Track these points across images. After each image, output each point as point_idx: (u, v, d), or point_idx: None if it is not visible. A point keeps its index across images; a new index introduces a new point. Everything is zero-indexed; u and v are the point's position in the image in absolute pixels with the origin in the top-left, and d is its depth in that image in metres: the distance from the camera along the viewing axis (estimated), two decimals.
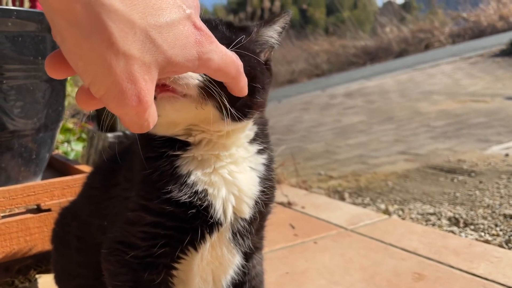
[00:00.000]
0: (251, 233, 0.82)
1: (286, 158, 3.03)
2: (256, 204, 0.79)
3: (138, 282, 0.76)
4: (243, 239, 0.81)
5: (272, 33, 0.77)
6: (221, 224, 0.75)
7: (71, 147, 3.68)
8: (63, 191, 1.30)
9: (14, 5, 1.95)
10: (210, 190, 0.74)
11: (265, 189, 0.80)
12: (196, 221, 0.74)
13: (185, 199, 0.72)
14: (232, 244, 0.80)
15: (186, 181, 0.73)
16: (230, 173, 0.76)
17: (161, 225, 0.74)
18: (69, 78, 1.78)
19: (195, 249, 0.77)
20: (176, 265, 0.78)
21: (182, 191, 0.72)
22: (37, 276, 1.45)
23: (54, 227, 1.04)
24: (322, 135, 4.60)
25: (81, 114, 5.25)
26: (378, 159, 3.21)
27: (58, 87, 1.46)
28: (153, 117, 0.49)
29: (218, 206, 0.74)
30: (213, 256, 0.80)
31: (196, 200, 0.73)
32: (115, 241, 0.78)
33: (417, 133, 3.89)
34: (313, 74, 12.83)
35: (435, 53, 10.67)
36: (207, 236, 0.76)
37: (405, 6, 21.45)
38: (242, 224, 0.79)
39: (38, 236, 1.27)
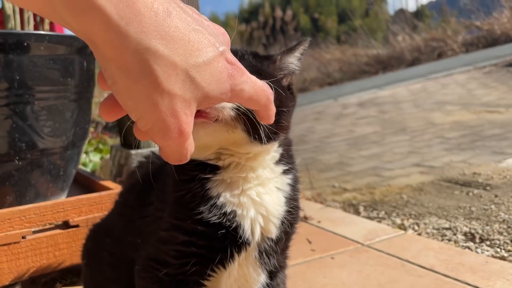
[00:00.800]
0: (276, 252, 0.86)
1: (301, 170, 3.06)
2: (282, 224, 0.83)
3: None
4: (269, 258, 0.85)
5: (293, 60, 0.83)
6: (249, 244, 0.80)
7: (89, 158, 3.75)
8: (90, 207, 1.35)
9: (36, 28, 2.03)
10: (238, 211, 0.78)
11: (291, 209, 0.84)
12: (226, 241, 0.78)
13: (215, 220, 0.76)
14: (258, 263, 0.84)
15: (216, 202, 0.77)
16: (257, 194, 0.80)
17: (192, 244, 0.78)
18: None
19: (224, 267, 0.81)
20: (205, 282, 0.82)
21: (212, 212, 0.77)
22: None
23: (85, 243, 1.08)
24: (335, 146, 4.62)
25: (98, 125, 5.34)
26: (392, 171, 3.22)
27: (85, 106, 1.52)
28: (191, 147, 0.55)
29: (246, 227, 0.78)
30: (239, 273, 0.84)
31: (226, 221, 0.77)
32: (149, 258, 0.82)
33: (431, 145, 3.89)
34: (325, 83, 12.85)
35: (448, 62, 10.62)
36: (236, 255, 0.80)
37: (417, 14, 21.39)
38: (268, 243, 0.83)
39: (67, 251, 1.32)
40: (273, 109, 0.64)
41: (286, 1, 25.05)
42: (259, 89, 0.59)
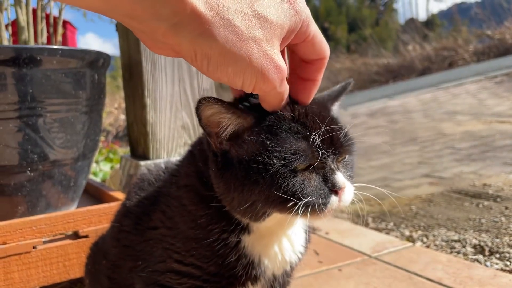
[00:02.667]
0: (288, 277, 0.88)
1: None
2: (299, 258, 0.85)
3: None
4: (280, 285, 0.87)
5: (335, 107, 0.87)
6: (265, 278, 0.81)
7: (100, 168, 3.80)
8: (99, 218, 1.37)
9: (49, 40, 2.08)
10: (263, 259, 0.79)
11: (307, 240, 0.87)
12: (242, 279, 0.78)
13: (240, 268, 0.77)
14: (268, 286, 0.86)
15: (244, 253, 0.77)
16: (286, 241, 0.82)
17: (209, 281, 0.78)
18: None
19: None
20: None
21: (239, 261, 0.77)
22: None
23: (86, 262, 1.08)
24: None
25: (108, 134, 5.41)
26: (402, 182, 3.21)
27: (96, 118, 1.55)
28: (287, 88, 0.65)
29: (268, 270, 0.80)
30: None
31: (249, 268, 0.78)
32: (157, 284, 0.81)
33: (441, 155, 3.87)
34: None
35: (459, 72, 10.58)
36: (250, 286, 0.81)
37: (427, 24, 21.34)
38: (283, 274, 0.85)
39: (76, 262, 1.34)
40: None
41: None
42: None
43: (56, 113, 1.37)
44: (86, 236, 1.35)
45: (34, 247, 1.27)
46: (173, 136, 1.74)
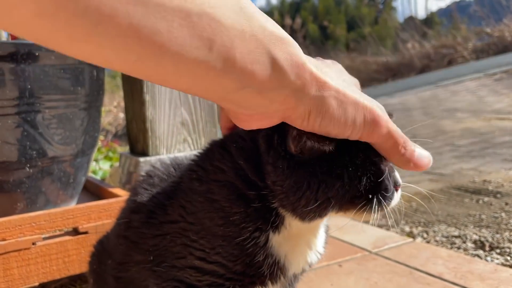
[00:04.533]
0: (302, 274, 0.88)
1: None
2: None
3: None
4: (293, 282, 0.87)
5: None
6: (286, 277, 0.80)
7: (99, 166, 3.79)
8: (99, 214, 1.37)
9: None
10: (289, 257, 0.78)
11: (325, 242, 0.87)
12: (266, 278, 0.77)
13: (266, 267, 0.75)
14: (284, 286, 0.85)
15: (271, 252, 0.76)
16: (311, 241, 0.81)
17: (233, 279, 0.77)
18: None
19: None
20: None
21: (265, 260, 0.75)
22: None
23: (91, 261, 1.05)
24: None
25: (108, 133, 5.41)
26: (402, 178, 3.20)
27: (95, 114, 1.55)
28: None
29: (291, 269, 0.79)
30: None
31: (275, 267, 0.76)
32: (176, 279, 0.79)
33: (441, 152, 3.87)
34: None
35: (459, 69, 10.58)
36: (270, 285, 0.80)
37: (426, 22, 21.35)
38: (300, 273, 0.85)
39: (76, 258, 1.34)
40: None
41: (295, 9, 25.15)
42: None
43: (54, 109, 1.37)
44: (85, 232, 1.35)
45: (33, 244, 1.27)
46: (172, 133, 1.74)
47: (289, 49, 0.55)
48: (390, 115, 0.70)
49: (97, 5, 0.41)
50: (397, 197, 0.72)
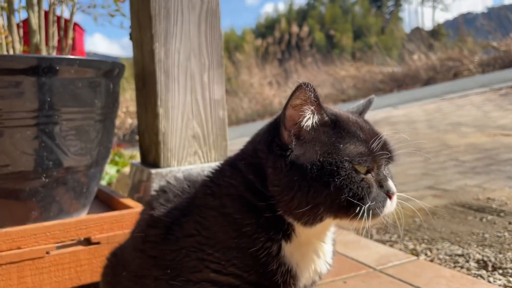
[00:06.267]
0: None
1: None
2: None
3: None
4: None
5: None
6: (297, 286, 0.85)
7: (106, 171, 3.83)
8: (111, 225, 1.40)
9: (59, 43, 2.11)
10: (301, 267, 0.83)
11: (333, 253, 0.92)
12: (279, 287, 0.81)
13: (279, 277, 0.80)
14: None
15: (284, 261, 0.80)
16: (320, 252, 0.86)
17: None
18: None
19: None
20: None
21: (278, 269, 0.80)
22: None
23: (104, 273, 1.09)
24: None
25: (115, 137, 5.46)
26: (406, 193, 3.22)
27: (109, 126, 1.59)
28: None
29: (302, 278, 0.84)
30: None
31: (287, 277, 0.81)
32: None
33: (445, 167, 3.89)
34: (339, 99, 12.88)
35: (464, 83, 10.59)
36: None
37: (433, 33, 21.38)
38: (307, 285, 0.89)
39: (88, 268, 1.37)
40: None
41: (302, 17, 25.24)
42: None
43: (72, 121, 1.40)
44: (98, 243, 1.38)
45: (47, 253, 1.30)
46: (183, 145, 1.77)
47: None
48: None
49: None
50: (390, 205, 0.75)
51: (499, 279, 1.69)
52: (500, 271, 1.77)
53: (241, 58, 15.44)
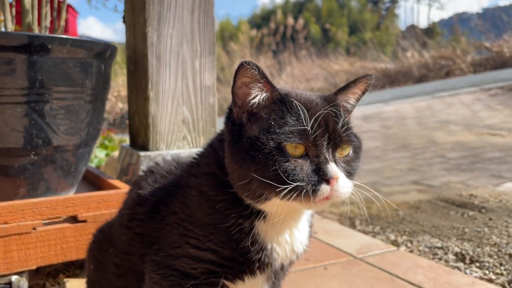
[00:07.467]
0: (287, 269, 0.95)
1: None
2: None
3: None
4: (278, 275, 0.93)
5: (350, 100, 0.95)
6: (272, 267, 0.87)
7: (95, 154, 3.83)
8: (98, 204, 1.42)
9: (52, 24, 2.11)
10: (275, 247, 0.85)
11: (309, 235, 0.93)
12: (255, 265, 0.84)
13: (254, 253, 0.83)
14: (269, 278, 0.91)
15: (257, 239, 0.83)
16: (295, 232, 0.88)
17: (224, 266, 0.84)
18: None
19: (243, 281, 0.88)
20: None
21: (253, 246, 0.82)
22: (65, 279, 1.57)
23: (90, 248, 1.11)
24: None
25: (105, 122, 5.44)
26: (391, 187, 3.28)
27: (99, 107, 1.60)
28: None
29: (278, 259, 0.86)
30: (251, 284, 0.90)
31: (262, 254, 0.84)
32: (171, 268, 0.86)
33: (431, 163, 3.95)
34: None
35: (455, 82, 10.68)
36: (258, 275, 0.87)
37: (428, 31, 21.45)
38: (287, 266, 0.92)
39: (73, 245, 1.39)
40: None
41: (298, 9, 25.16)
42: None
43: (62, 101, 1.41)
44: (84, 221, 1.40)
45: (34, 228, 1.32)
46: (173, 130, 1.79)
47: None
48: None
49: None
50: (327, 189, 0.74)
51: (476, 271, 1.75)
52: (477, 264, 1.82)
53: (236, 48, 15.39)
